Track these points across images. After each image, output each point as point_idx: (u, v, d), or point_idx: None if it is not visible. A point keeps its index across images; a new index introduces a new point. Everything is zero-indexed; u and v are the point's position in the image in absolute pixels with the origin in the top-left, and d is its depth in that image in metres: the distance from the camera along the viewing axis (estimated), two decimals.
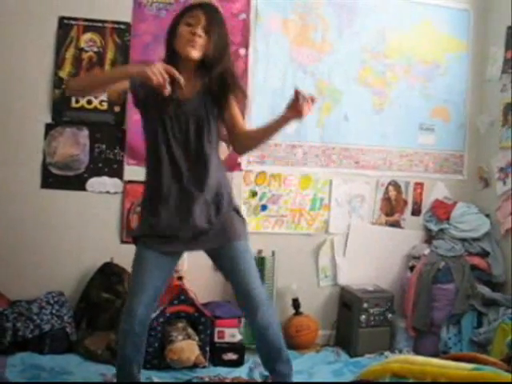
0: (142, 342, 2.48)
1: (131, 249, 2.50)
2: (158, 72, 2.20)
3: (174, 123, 2.43)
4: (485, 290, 3.70)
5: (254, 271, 2.52)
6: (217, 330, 3.36)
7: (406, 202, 4.04)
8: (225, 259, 2.52)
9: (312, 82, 3.80)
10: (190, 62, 2.43)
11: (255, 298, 2.46)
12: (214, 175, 2.48)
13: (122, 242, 3.55)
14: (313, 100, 2.38)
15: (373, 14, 3.89)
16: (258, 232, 3.75)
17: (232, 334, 3.38)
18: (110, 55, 3.51)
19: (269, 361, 2.56)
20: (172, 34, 2.45)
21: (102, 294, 3.39)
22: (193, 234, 2.46)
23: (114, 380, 3.01)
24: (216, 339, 3.36)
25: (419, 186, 4.05)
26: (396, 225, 4.02)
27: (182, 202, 2.44)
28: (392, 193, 4.00)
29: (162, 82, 2.21)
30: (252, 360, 3.38)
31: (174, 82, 2.32)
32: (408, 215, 4.04)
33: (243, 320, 3.55)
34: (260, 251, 3.71)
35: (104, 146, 3.54)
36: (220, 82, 2.46)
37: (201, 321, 3.31)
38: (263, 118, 3.70)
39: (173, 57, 2.45)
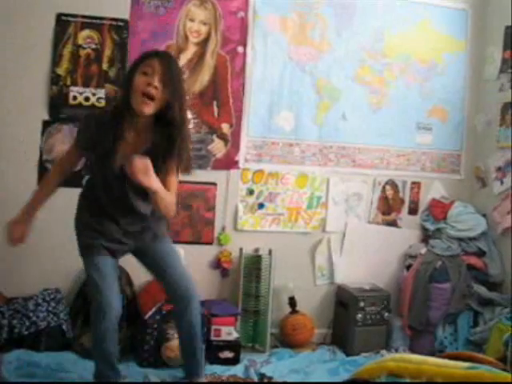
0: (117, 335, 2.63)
1: None
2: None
3: (113, 180, 2.50)
4: (481, 290, 3.71)
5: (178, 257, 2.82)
6: (213, 327, 3.36)
7: (402, 201, 4.04)
8: (151, 256, 2.76)
9: (310, 81, 3.80)
10: (141, 118, 2.43)
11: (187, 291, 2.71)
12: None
13: None
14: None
15: (371, 13, 3.89)
16: (255, 230, 3.75)
17: (228, 332, 3.38)
18: (107, 52, 3.50)
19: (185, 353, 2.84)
20: (127, 82, 2.41)
21: None
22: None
23: None
24: (212, 337, 3.36)
25: (416, 185, 4.05)
26: (393, 224, 4.02)
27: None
28: (389, 192, 4.00)
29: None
30: (248, 358, 3.39)
31: (120, 135, 2.41)
32: (405, 214, 4.04)
33: (239, 318, 3.57)
34: (257, 249, 3.71)
35: None
36: (168, 143, 2.44)
37: None
38: (261, 116, 3.74)
39: (127, 104, 2.42)
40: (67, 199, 3.50)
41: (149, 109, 2.36)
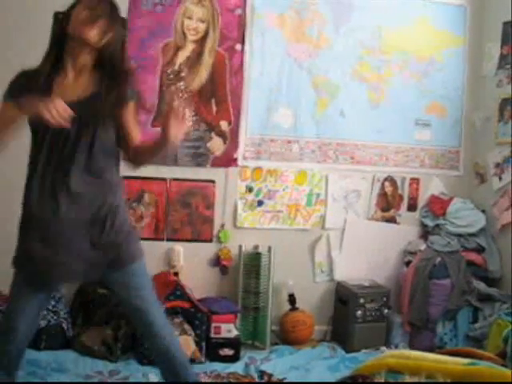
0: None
1: None
2: (56, 113, 1.90)
3: (52, 133, 2.08)
4: (480, 286, 3.71)
5: (152, 295, 2.31)
6: (213, 325, 3.37)
7: (401, 198, 4.04)
8: (117, 285, 2.25)
9: (308, 78, 3.80)
10: (83, 52, 2.13)
11: (153, 323, 2.26)
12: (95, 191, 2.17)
13: None
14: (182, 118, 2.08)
15: (369, 10, 3.88)
16: (254, 227, 3.75)
17: (228, 329, 3.38)
18: None
19: (176, 375, 2.35)
20: (64, 20, 2.13)
21: (98, 290, 3.39)
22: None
23: (110, 376, 3.03)
24: (212, 335, 3.37)
25: (415, 181, 4.05)
26: (392, 220, 4.02)
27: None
28: (388, 188, 4.00)
29: (63, 124, 1.94)
30: (248, 355, 3.39)
31: (60, 80, 2.13)
32: (404, 211, 4.04)
33: (239, 316, 3.57)
34: (256, 247, 3.71)
35: None
36: (112, 80, 2.15)
37: (197, 316, 3.31)
38: (259, 113, 3.73)
39: (58, 48, 2.16)
40: None
41: (93, 33, 2.07)
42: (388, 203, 4.01)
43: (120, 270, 2.19)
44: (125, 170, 3.53)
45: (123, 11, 3.47)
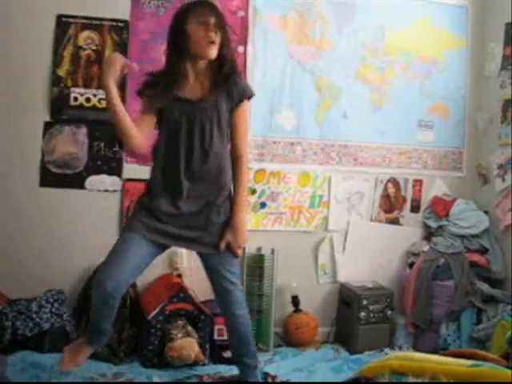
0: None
1: None
2: (112, 59, 2.37)
3: (184, 123, 2.49)
4: (484, 287, 3.70)
5: (239, 276, 2.74)
6: (216, 327, 3.36)
7: (404, 199, 4.04)
8: (213, 263, 2.67)
9: (311, 80, 3.80)
10: (201, 61, 2.49)
11: (235, 297, 2.70)
12: (217, 172, 2.57)
13: None
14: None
15: (371, 11, 3.88)
16: (257, 229, 3.75)
17: None
18: (108, 53, 3.50)
19: (238, 353, 2.80)
20: (180, 33, 2.46)
21: None
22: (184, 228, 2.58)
23: (114, 379, 3.03)
24: (216, 337, 3.36)
25: (418, 182, 4.05)
26: (395, 222, 4.02)
27: (177, 195, 2.55)
28: (391, 190, 4.00)
29: (124, 62, 2.37)
30: None
31: (182, 82, 2.49)
32: (407, 212, 4.04)
33: None
34: (259, 248, 3.71)
35: (103, 144, 3.53)
36: (227, 80, 2.52)
37: (200, 318, 3.31)
38: (262, 115, 3.73)
39: (180, 57, 2.48)
40: (70, 201, 3.53)
41: (214, 51, 2.45)
42: (391, 205, 4.01)
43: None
44: (127, 173, 3.56)
45: (125, 13, 3.52)
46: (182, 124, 2.49)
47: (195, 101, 2.49)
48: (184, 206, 2.55)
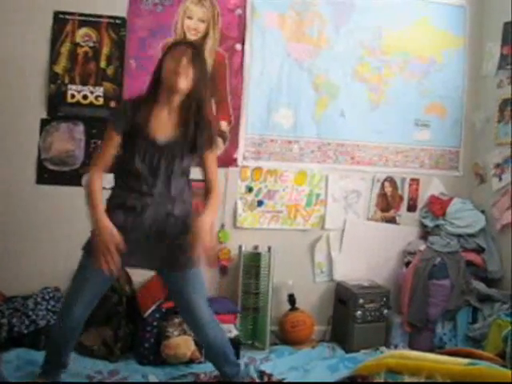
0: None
1: None
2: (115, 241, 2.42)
3: (147, 159, 2.51)
4: (480, 286, 3.71)
5: (203, 295, 2.69)
6: None
7: (401, 198, 4.04)
8: (174, 282, 2.68)
9: (308, 78, 3.80)
10: (176, 97, 2.52)
11: (201, 317, 2.67)
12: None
13: None
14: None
15: (369, 10, 3.88)
16: (254, 228, 3.75)
17: (228, 329, 3.36)
18: (105, 50, 3.50)
19: (217, 365, 2.84)
20: (160, 66, 2.54)
21: None
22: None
23: (110, 376, 3.03)
24: None
25: (415, 181, 4.05)
26: (392, 221, 4.03)
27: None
28: (388, 189, 4.00)
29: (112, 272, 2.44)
30: (248, 355, 3.39)
31: (155, 115, 2.51)
32: (404, 211, 4.04)
33: (239, 316, 3.57)
34: (256, 247, 3.71)
35: (100, 142, 3.52)
36: (196, 126, 2.55)
37: None
38: (259, 113, 3.73)
39: (157, 88, 2.53)
40: (66, 198, 3.52)
41: (182, 82, 2.46)
42: (388, 203, 4.02)
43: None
44: None
45: (123, 10, 3.51)
46: (145, 162, 2.52)
47: (161, 142, 2.51)
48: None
